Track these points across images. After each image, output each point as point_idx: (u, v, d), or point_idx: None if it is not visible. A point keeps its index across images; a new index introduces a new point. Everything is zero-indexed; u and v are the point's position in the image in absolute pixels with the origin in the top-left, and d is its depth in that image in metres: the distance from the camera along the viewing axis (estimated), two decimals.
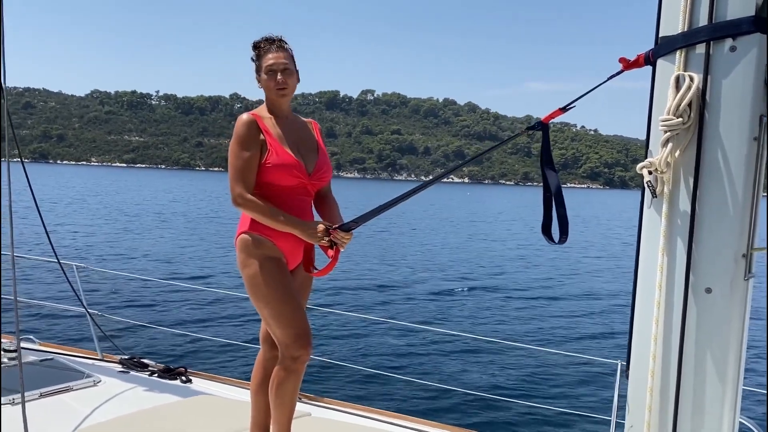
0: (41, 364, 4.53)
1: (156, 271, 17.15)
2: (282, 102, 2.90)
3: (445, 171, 2.79)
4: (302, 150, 2.90)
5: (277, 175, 2.78)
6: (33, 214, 4.72)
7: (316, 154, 2.97)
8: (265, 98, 2.93)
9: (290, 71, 2.86)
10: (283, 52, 2.85)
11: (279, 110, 2.91)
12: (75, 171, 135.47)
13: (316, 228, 2.76)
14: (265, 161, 2.78)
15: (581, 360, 8.77)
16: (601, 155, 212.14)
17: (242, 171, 2.77)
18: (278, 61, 2.82)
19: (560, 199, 2.09)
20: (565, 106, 2.01)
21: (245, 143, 2.77)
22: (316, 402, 4.21)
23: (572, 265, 23.07)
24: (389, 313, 13.10)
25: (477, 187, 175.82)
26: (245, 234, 2.85)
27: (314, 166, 2.92)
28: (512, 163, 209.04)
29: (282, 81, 2.83)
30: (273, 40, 2.87)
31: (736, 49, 1.61)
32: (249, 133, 2.78)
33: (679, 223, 1.71)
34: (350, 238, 2.76)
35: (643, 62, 1.80)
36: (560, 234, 2.10)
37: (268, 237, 2.82)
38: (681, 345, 1.71)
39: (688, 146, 1.68)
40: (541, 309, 14.68)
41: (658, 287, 1.74)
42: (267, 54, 2.84)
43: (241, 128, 2.78)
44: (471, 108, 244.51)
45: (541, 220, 2.14)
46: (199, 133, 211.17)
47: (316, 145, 3.01)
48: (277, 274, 2.81)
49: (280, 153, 2.80)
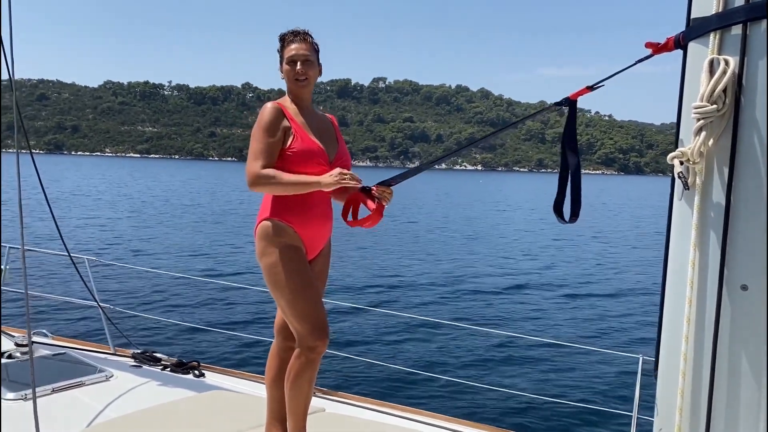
0: (54, 359, 4.52)
1: (168, 265, 17.19)
2: (302, 92, 2.93)
3: (477, 140, 2.74)
4: (324, 139, 2.93)
5: (300, 161, 2.79)
6: (45, 208, 4.69)
7: (336, 144, 3.00)
8: (287, 89, 2.96)
9: (311, 62, 2.90)
10: (306, 43, 2.89)
11: (300, 101, 2.95)
12: (90, 162, 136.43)
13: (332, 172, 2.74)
14: (290, 146, 2.80)
15: (600, 354, 8.67)
16: (615, 141, 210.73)
17: (263, 152, 2.77)
18: (299, 51, 2.87)
19: (577, 180, 2.06)
20: (593, 84, 1.95)
21: (270, 129, 2.79)
22: (331, 396, 4.17)
23: (594, 257, 22.82)
24: (407, 307, 13.02)
25: (490, 174, 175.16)
26: (267, 221, 2.85)
27: (335, 155, 2.93)
28: (526, 149, 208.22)
29: (302, 71, 2.87)
30: (298, 33, 2.92)
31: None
32: (275, 119, 2.81)
33: (713, 216, 1.61)
34: (392, 193, 2.81)
35: (672, 46, 1.70)
36: (571, 214, 2.07)
37: (290, 224, 2.83)
38: (714, 345, 1.62)
39: (722, 134, 1.58)
40: (560, 302, 14.53)
41: (689, 284, 1.65)
42: (290, 45, 2.89)
43: (267, 114, 2.81)
44: (484, 94, 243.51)
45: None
46: (211, 123, 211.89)
47: (335, 137, 3.04)
48: (297, 263, 2.81)
49: (305, 139, 2.83)
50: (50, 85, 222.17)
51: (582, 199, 2.07)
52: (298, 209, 2.83)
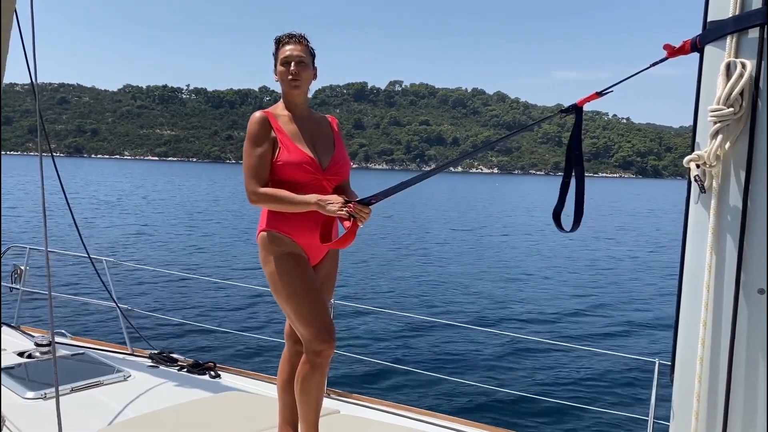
0: (73, 359, 4.57)
1: (186, 266, 17.31)
2: (295, 95, 2.90)
3: (472, 151, 2.72)
4: (317, 146, 2.89)
5: (289, 171, 2.78)
6: (65, 209, 4.75)
7: (332, 149, 2.94)
8: (282, 93, 2.93)
9: (305, 64, 2.86)
10: (301, 45, 2.87)
11: (294, 105, 2.92)
12: (109, 165, 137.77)
13: (333, 200, 2.69)
14: (276, 159, 2.79)
15: (617, 358, 8.59)
16: (633, 144, 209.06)
17: (255, 168, 2.78)
18: (293, 53, 2.84)
19: (581, 187, 2.01)
20: (602, 90, 1.92)
21: (256, 140, 2.79)
22: (346, 398, 4.17)
23: (610, 259, 22.66)
24: (423, 309, 13.00)
25: (506, 177, 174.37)
26: (264, 232, 2.87)
27: (329, 161, 2.88)
28: (542, 152, 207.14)
29: (295, 72, 2.83)
30: (293, 36, 2.89)
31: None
32: (260, 131, 2.80)
33: (730, 220, 1.60)
34: (369, 212, 2.68)
35: (689, 49, 1.69)
36: (573, 222, 2.01)
37: (286, 234, 2.83)
38: (731, 349, 1.61)
39: (739, 138, 1.57)
40: (575, 304, 14.45)
41: (705, 287, 1.64)
42: (285, 46, 2.87)
43: (252, 126, 2.81)
44: (500, 97, 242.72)
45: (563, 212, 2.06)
46: (228, 127, 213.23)
47: (333, 141, 2.98)
48: (296, 269, 2.82)
49: (292, 149, 2.80)
50: (71, 89, 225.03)
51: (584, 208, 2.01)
52: (294, 220, 2.82)
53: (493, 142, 2.97)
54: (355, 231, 2.72)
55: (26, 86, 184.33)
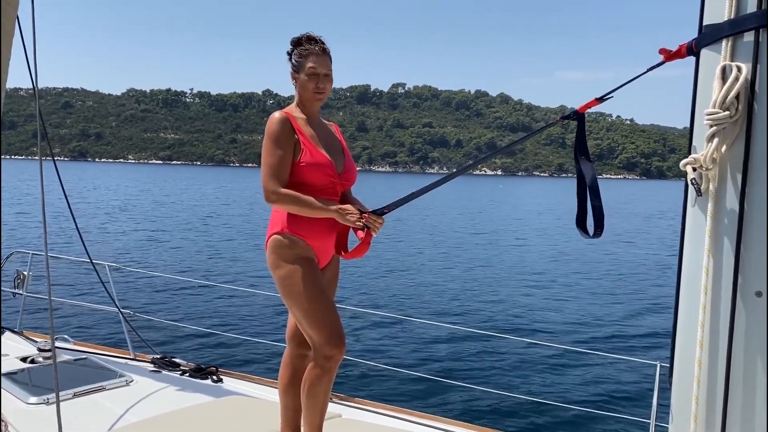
0: (75, 364, 4.58)
1: (187, 271, 17.33)
2: (316, 105, 2.93)
3: (477, 161, 2.74)
4: (331, 151, 2.91)
5: (311, 174, 2.79)
6: (65, 214, 4.77)
7: (342, 155, 2.98)
8: (298, 97, 2.93)
9: (330, 78, 2.90)
10: (327, 57, 2.88)
11: (310, 111, 2.94)
12: (113, 168, 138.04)
13: (352, 211, 2.76)
14: (299, 160, 2.79)
15: (620, 361, 8.56)
16: (637, 145, 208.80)
17: (276, 167, 2.77)
18: (322, 68, 2.85)
19: (596, 192, 2.01)
20: (602, 96, 1.93)
21: (279, 141, 2.78)
22: (348, 402, 4.17)
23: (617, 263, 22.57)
24: (426, 314, 12.98)
25: (510, 179, 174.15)
26: (278, 235, 2.84)
27: (343, 167, 2.93)
28: (546, 154, 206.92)
29: (322, 87, 2.86)
30: (316, 41, 2.87)
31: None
32: (283, 131, 2.79)
33: (726, 223, 1.60)
34: (383, 222, 2.79)
35: (685, 53, 1.69)
36: (595, 227, 2.02)
37: (301, 237, 2.83)
38: (729, 351, 1.61)
39: (735, 141, 1.57)
40: (577, 307, 14.41)
41: (703, 290, 1.64)
42: (311, 56, 2.84)
43: (275, 126, 2.79)
44: (503, 99, 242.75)
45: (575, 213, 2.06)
46: (232, 130, 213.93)
47: (341, 147, 3.02)
48: (310, 274, 2.81)
49: (314, 153, 2.81)
50: (75, 93, 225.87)
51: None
52: (308, 223, 2.82)
53: (509, 145, 3.00)
54: (369, 241, 2.78)
55: (30, 90, 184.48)
